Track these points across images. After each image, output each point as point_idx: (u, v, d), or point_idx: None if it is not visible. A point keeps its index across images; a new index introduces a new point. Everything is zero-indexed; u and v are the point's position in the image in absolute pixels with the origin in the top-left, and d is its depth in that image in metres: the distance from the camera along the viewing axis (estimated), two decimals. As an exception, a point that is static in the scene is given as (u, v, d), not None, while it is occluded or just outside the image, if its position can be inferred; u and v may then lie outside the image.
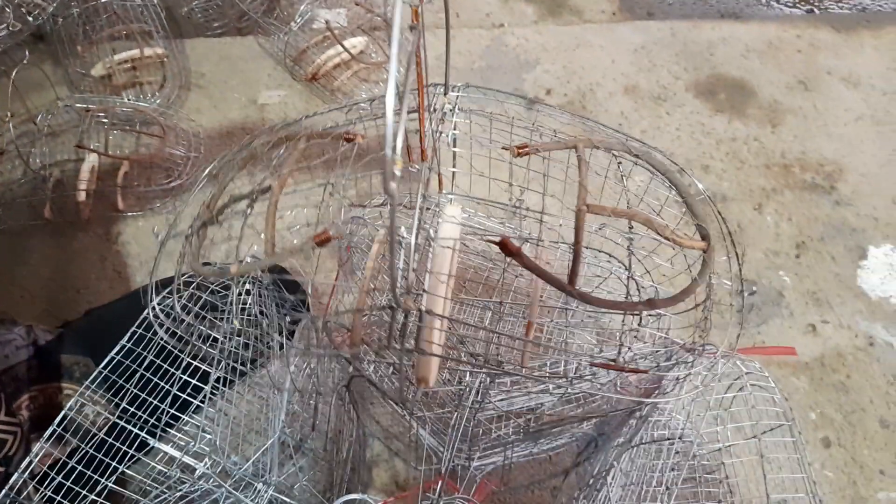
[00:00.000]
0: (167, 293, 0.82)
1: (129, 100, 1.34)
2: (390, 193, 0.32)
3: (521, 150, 0.61)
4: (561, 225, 0.71)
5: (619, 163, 0.63)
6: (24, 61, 1.18)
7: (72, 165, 1.27)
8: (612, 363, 0.52)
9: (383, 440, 0.97)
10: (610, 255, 0.75)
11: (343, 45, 1.40)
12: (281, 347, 0.80)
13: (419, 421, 0.82)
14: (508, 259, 0.48)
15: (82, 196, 1.23)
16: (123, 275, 1.20)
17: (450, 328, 0.71)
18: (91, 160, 1.26)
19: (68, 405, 0.78)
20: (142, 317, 0.85)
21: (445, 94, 0.65)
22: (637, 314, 0.55)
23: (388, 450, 0.96)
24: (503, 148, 0.63)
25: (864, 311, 1.18)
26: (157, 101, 1.35)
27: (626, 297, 0.59)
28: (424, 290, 0.56)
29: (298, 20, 1.37)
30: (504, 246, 0.48)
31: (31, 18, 1.21)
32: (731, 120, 1.42)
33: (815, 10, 1.65)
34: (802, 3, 1.66)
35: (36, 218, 1.23)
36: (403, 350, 0.48)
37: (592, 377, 0.56)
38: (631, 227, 0.61)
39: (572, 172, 0.60)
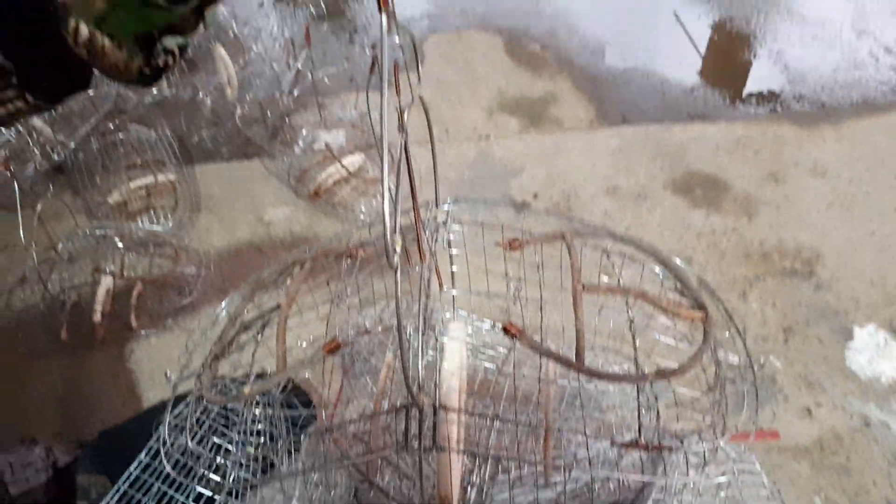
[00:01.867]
0: (177, 417, 0.86)
1: (143, 224, 1.43)
2: (392, 265, 0.38)
3: (513, 245, 0.67)
4: (562, 314, 0.74)
5: (608, 254, 0.68)
6: (49, 194, 1.27)
7: (88, 288, 1.34)
8: (636, 443, 0.55)
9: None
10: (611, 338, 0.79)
11: (342, 164, 1.51)
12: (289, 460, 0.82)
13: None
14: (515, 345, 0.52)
15: (97, 317, 1.30)
16: (136, 392, 1.24)
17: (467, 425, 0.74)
18: (106, 282, 1.33)
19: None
20: (148, 446, 0.88)
21: (437, 205, 0.72)
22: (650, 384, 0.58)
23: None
24: (497, 244, 0.69)
25: (855, 391, 1.21)
26: (170, 224, 1.44)
27: (637, 371, 0.62)
28: (436, 384, 0.61)
29: (301, 143, 1.49)
30: (508, 330, 0.52)
31: (54, 156, 1.32)
32: (708, 214, 1.50)
33: (778, 108, 1.78)
34: (765, 102, 1.79)
35: (53, 340, 1.29)
36: (422, 449, 0.51)
37: (608, 462, 0.60)
38: (629, 309, 0.66)
39: (565, 263, 0.65)
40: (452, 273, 0.77)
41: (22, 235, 1.23)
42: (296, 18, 1.98)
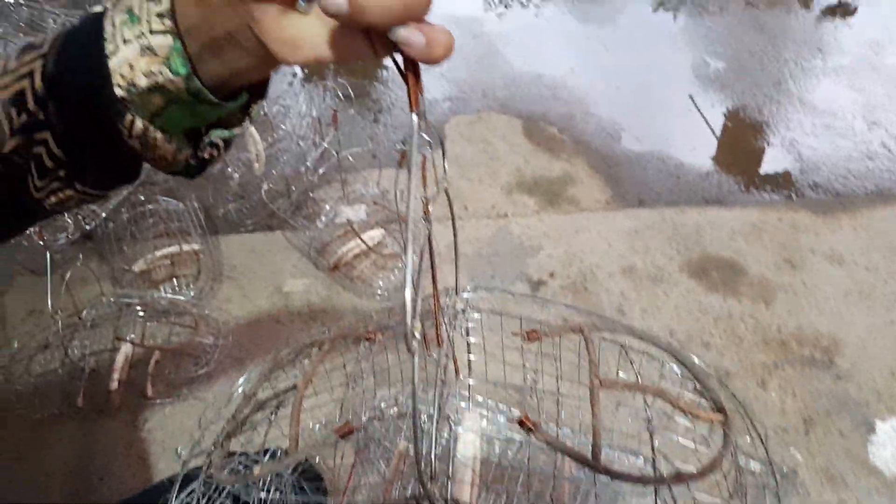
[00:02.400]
0: (189, 495, 0.85)
1: (165, 293, 1.46)
2: (411, 350, 0.38)
3: (530, 336, 0.67)
4: (578, 407, 0.74)
5: (625, 350, 0.69)
6: (78, 263, 1.30)
7: (107, 355, 1.35)
8: None
9: None
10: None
11: (362, 239, 1.54)
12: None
13: None
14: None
15: (115, 384, 1.30)
16: (147, 462, 1.24)
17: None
18: (125, 350, 1.34)
19: None
20: None
21: (457, 293, 0.74)
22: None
23: None
24: (514, 334, 0.70)
25: (880, 488, 1.18)
26: (192, 293, 1.46)
27: (655, 472, 0.61)
28: (449, 477, 0.60)
29: (324, 218, 1.53)
30: (523, 423, 0.52)
31: (85, 225, 1.36)
32: (725, 298, 1.50)
33: (793, 195, 1.81)
34: (780, 189, 1.82)
35: (69, 405, 1.29)
36: None
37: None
38: (647, 407, 0.65)
39: (583, 357, 0.66)
40: (469, 361, 0.77)
41: (49, 302, 1.26)
42: (324, 98, 2.07)
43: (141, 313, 1.39)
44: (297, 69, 2.23)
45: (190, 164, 0.45)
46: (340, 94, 1.63)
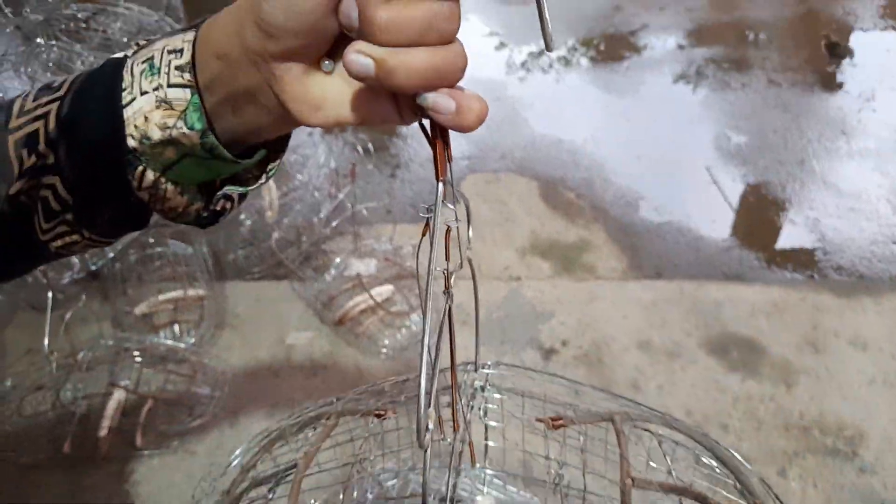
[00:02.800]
0: None
1: (166, 338, 1.42)
2: (422, 445, 0.34)
3: (555, 423, 0.62)
4: None
5: (660, 441, 0.63)
6: (80, 304, 1.28)
7: (99, 400, 1.31)
8: None
9: None
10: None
11: (370, 294, 1.50)
12: None
13: None
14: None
15: (104, 432, 1.26)
16: (128, 519, 1.18)
17: None
18: (118, 396, 1.30)
19: None
20: None
21: (476, 370, 0.69)
22: None
23: None
24: (537, 420, 0.64)
25: None
26: (192, 340, 1.43)
27: None
28: None
29: (333, 271, 1.50)
30: None
31: (91, 265, 1.34)
32: (744, 378, 1.44)
33: (815, 276, 1.76)
34: (802, 268, 1.77)
35: (55, 451, 1.24)
36: None
37: None
38: None
39: (612, 449, 0.60)
40: (486, 447, 0.71)
41: (46, 342, 1.23)
42: (343, 150, 2.07)
43: (138, 358, 1.35)
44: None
45: (202, 215, 0.44)
46: (360, 148, 1.62)
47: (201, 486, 0.56)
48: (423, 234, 0.40)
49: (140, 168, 0.39)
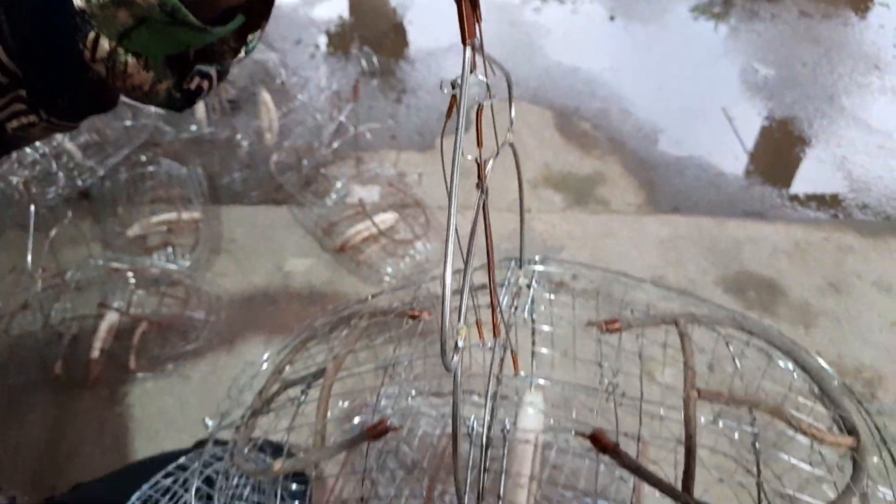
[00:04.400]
0: (164, 475, 0.75)
1: (158, 261, 1.36)
2: (448, 368, 0.28)
3: (610, 327, 0.55)
4: (663, 417, 0.61)
5: (728, 343, 0.56)
6: (66, 220, 1.21)
7: (91, 322, 1.26)
8: None
9: None
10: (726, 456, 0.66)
11: (373, 220, 1.43)
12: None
13: None
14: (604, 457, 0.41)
15: (96, 353, 1.21)
16: (120, 442, 1.14)
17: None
18: (110, 318, 1.25)
19: None
20: (139, 493, 0.77)
21: (521, 266, 0.61)
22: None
23: None
24: (589, 324, 0.57)
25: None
26: (187, 265, 1.37)
27: None
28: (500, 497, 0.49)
29: (335, 196, 1.42)
30: (597, 440, 0.42)
31: (80, 181, 1.27)
32: (762, 318, 1.38)
33: (840, 215, 1.67)
34: (826, 207, 1.69)
35: (45, 373, 1.20)
36: None
37: None
38: (754, 420, 0.53)
39: (672, 353, 0.54)
40: (533, 354, 0.64)
41: (29, 259, 1.17)
42: (346, 73, 1.96)
43: (132, 280, 1.29)
44: (322, 41, 2.13)
45: (173, 95, 0.38)
46: (364, 63, 1.52)
47: (235, 385, 0.52)
48: (448, 116, 0.32)
49: (91, 34, 0.33)
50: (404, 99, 1.94)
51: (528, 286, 0.57)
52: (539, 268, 0.58)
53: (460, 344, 0.28)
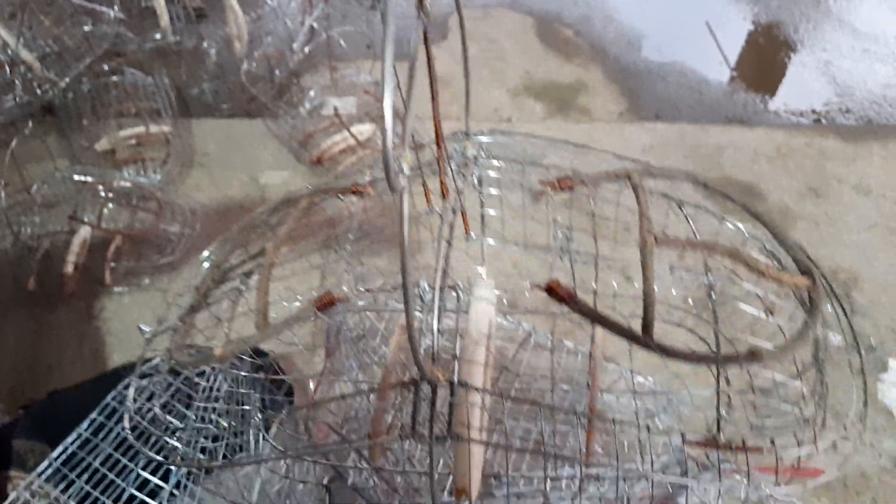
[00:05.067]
0: (124, 387, 0.75)
1: (128, 174, 1.32)
2: (394, 187, 0.26)
3: (562, 184, 0.54)
4: (612, 267, 0.58)
5: (681, 205, 0.56)
6: (27, 131, 1.16)
7: (63, 237, 1.23)
8: (715, 442, 0.42)
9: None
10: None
11: (350, 132, 1.39)
12: (256, 443, 0.72)
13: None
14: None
15: (69, 268, 1.19)
16: (99, 354, 1.13)
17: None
18: (83, 233, 1.22)
19: (9, 499, 0.70)
20: (103, 403, 0.78)
21: (468, 137, 0.59)
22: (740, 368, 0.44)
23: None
24: (541, 182, 0.56)
25: (887, 427, 1.09)
26: (158, 178, 1.33)
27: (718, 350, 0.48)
28: (456, 356, 0.49)
29: (308, 105, 1.38)
30: (553, 290, 0.40)
31: (40, 92, 1.21)
32: (742, 223, 1.38)
33: (822, 120, 1.66)
34: (809, 112, 1.67)
35: (18, 289, 1.18)
36: (433, 438, 0.39)
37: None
38: (709, 271, 0.52)
39: (625, 211, 0.53)
40: (483, 217, 0.62)
41: (-9, 171, 1.13)
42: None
43: (101, 194, 1.26)
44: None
45: None
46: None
47: (171, 289, 0.50)
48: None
49: None
50: (378, 5, 1.86)
51: (475, 158, 0.54)
52: (485, 139, 0.56)
53: (406, 169, 0.26)
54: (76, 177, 1.18)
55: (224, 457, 0.78)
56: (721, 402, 0.48)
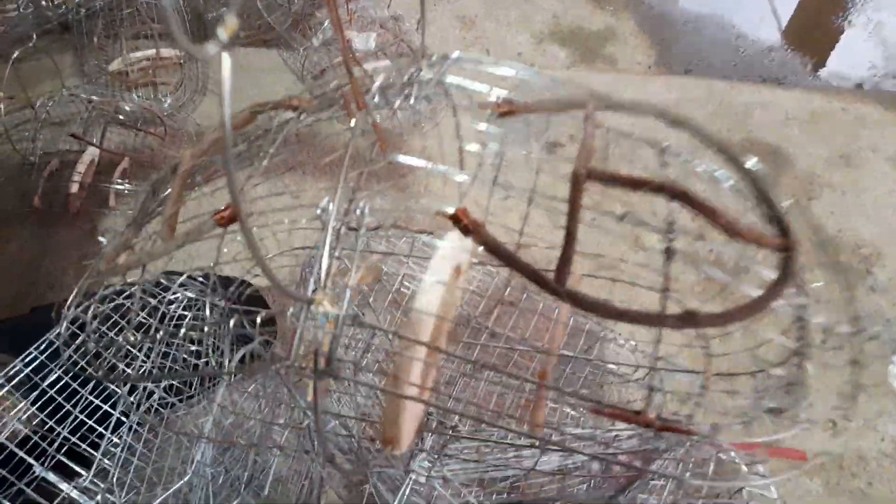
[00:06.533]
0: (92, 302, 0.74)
1: (138, 98, 1.31)
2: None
3: (503, 109, 0.50)
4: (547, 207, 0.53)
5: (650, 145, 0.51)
6: (31, 44, 1.14)
7: (72, 157, 1.23)
8: (639, 414, 0.40)
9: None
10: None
11: (363, 68, 1.35)
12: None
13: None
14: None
15: (75, 188, 1.19)
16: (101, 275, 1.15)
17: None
18: (91, 153, 1.22)
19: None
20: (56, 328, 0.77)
21: (422, 55, 0.54)
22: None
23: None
24: (480, 106, 0.50)
25: (893, 412, 1.06)
26: (168, 103, 1.31)
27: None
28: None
29: (320, 36, 1.34)
30: (458, 219, 0.36)
31: (52, 5, 1.19)
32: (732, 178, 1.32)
33: (865, 85, 1.56)
34: (851, 76, 1.58)
35: (24, 205, 1.19)
36: (317, 372, 0.36)
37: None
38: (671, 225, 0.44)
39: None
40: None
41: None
42: None
43: (110, 115, 1.25)
44: None
45: None
46: None
47: (134, 207, 0.48)
48: None
49: None
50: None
51: (427, 83, 0.49)
52: (445, 64, 0.51)
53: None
54: (83, 95, 1.17)
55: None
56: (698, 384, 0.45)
